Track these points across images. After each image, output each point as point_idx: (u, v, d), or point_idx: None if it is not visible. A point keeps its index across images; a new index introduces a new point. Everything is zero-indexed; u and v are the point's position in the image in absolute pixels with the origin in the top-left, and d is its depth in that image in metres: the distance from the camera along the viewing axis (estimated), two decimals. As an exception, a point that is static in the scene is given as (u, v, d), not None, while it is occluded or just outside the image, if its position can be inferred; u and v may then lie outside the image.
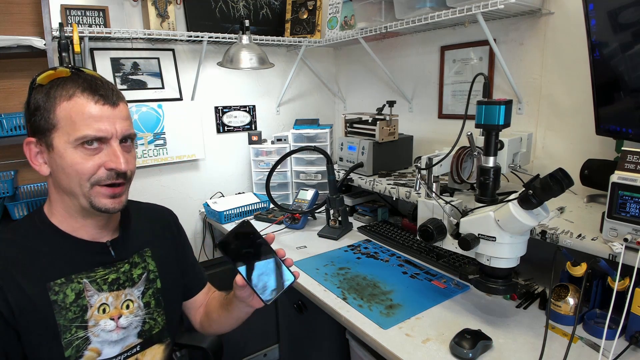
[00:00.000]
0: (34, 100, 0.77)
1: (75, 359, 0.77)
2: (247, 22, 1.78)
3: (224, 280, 2.05)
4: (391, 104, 1.73)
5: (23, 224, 0.82)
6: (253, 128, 2.28)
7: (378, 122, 1.70)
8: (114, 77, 1.85)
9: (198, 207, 2.13)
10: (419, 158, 1.18)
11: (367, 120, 1.79)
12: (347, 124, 1.90)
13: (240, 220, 0.79)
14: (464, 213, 1.06)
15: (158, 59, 1.94)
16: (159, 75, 1.95)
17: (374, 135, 1.72)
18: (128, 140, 0.81)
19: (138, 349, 0.86)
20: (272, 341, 1.94)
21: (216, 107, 2.14)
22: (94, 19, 1.73)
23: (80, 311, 0.78)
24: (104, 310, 0.81)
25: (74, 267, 0.79)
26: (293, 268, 0.82)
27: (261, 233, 0.80)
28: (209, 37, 1.86)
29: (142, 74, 1.91)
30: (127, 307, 0.85)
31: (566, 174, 0.83)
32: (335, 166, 1.86)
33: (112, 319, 0.82)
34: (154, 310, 0.89)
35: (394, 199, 1.62)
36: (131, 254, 0.89)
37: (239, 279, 0.78)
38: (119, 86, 1.86)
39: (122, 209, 0.81)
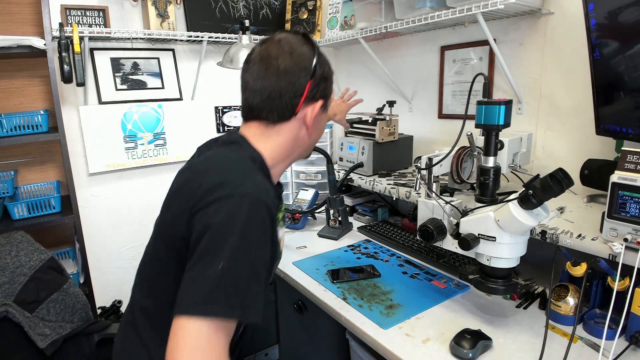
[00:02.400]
0: (326, 68, 0.86)
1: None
2: (247, 22, 1.78)
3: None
4: (391, 104, 1.73)
5: (254, 159, 0.82)
6: (253, 128, 2.27)
7: (378, 122, 1.70)
8: (114, 77, 1.85)
9: (198, 207, 2.13)
10: (419, 158, 1.18)
11: (367, 120, 1.79)
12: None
13: None
14: (464, 213, 1.06)
15: (158, 59, 1.95)
16: (159, 75, 1.95)
17: (374, 135, 1.72)
18: None
19: None
20: (272, 341, 1.94)
21: (216, 107, 2.14)
22: (94, 19, 1.73)
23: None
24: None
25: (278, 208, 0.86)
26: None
27: None
28: (209, 37, 1.86)
29: (142, 74, 1.91)
30: None
31: (566, 174, 0.83)
32: (335, 166, 1.86)
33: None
34: None
35: (394, 199, 1.62)
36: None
37: None
38: (119, 86, 1.87)
39: None
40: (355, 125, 1.85)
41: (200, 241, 0.66)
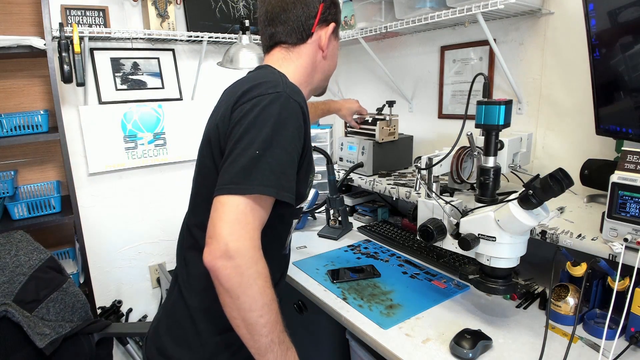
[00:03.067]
0: None
1: (304, 199, 0.91)
2: (247, 22, 1.78)
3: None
4: (391, 104, 1.73)
5: (283, 77, 0.85)
6: (253, 128, 2.27)
7: (378, 122, 1.70)
8: (114, 77, 1.85)
9: (198, 207, 2.13)
10: (419, 158, 1.18)
11: (367, 120, 1.79)
12: (347, 124, 1.90)
13: None
14: (464, 213, 1.06)
15: (158, 59, 1.95)
16: (159, 75, 1.95)
17: (373, 136, 1.72)
18: None
19: None
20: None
21: (216, 107, 2.14)
22: (94, 19, 1.73)
23: None
24: None
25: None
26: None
27: None
28: (209, 37, 1.86)
29: (142, 74, 1.91)
30: None
31: (566, 174, 0.83)
32: (335, 166, 1.86)
33: None
34: None
35: (394, 199, 1.62)
36: None
37: None
38: (119, 86, 1.87)
39: None
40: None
41: (238, 131, 0.73)
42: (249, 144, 0.71)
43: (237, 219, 0.67)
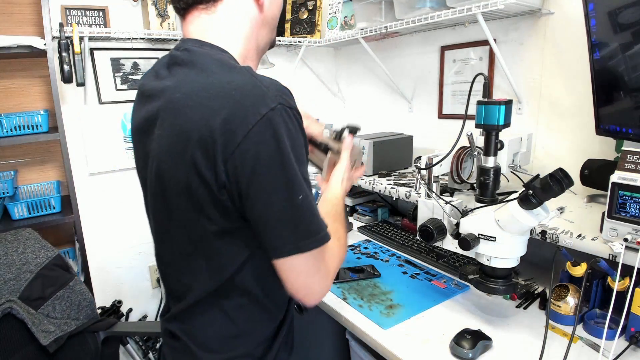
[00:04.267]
0: None
1: None
2: (247, 22, 1.78)
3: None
4: (353, 130, 0.98)
5: (246, 70, 0.65)
6: (253, 128, 2.27)
7: (329, 151, 0.98)
8: (114, 77, 1.85)
9: (198, 207, 2.13)
10: (419, 158, 1.18)
11: (318, 143, 0.99)
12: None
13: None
14: (464, 213, 1.06)
15: (158, 59, 1.94)
16: (159, 75, 1.95)
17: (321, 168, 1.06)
18: None
19: None
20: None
21: (216, 107, 2.14)
22: (94, 19, 1.73)
23: None
24: None
25: None
26: None
27: None
28: (209, 37, 1.86)
29: (142, 74, 1.91)
30: None
31: (566, 174, 0.83)
32: (335, 166, 1.86)
33: None
34: None
35: (394, 199, 1.62)
36: None
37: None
38: (119, 86, 1.87)
39: None
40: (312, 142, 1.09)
41: (258, 181, 0.59)
42: (282, 193, 0.60)
43: (315, 271, 0.67)
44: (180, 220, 0.69)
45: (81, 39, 1.60)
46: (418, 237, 1.11)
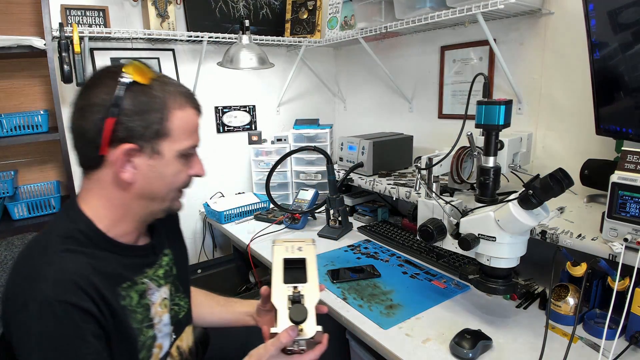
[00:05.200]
0: (134, 101, 0.69)
1: (146, 359, 0.76)
2: (247, 22, 1.78)
3: (224, 279, 2.05)
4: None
5: (74, 233, 0.71)
6: (253, 128, 2.28)
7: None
8: (114, 77, 1.85)
9: (198, 207, 2.13)
10: (419, 158, 1.18)
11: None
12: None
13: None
14: (464, 213, 1.06)
15: (158, 59, 1.94)
16: (159, 75, 1.95)
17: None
18: None
19: (174, 336, 0.87)
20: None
21: (216, 107, 2.14)
22: (94, 19, 1.73)
23: (145, 311, 0.78)
24: (165, 305, 0.83)
25: (133, 270, 0.78)
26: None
27: (261, 234, 0.80)
28: (209, 37, 1.86)
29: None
30: None
31: (566, 174, 0.83)
32: (335, 166, 1.86)
33: (169, 312, 0.84)
34: (176, 295, 0.90)
35: (394, 199, 1.62)
36: (164, 246, 0.90)
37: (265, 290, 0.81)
38: (119, 86, 1.87)
39: None
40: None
41: None
42: None
43: None
44: None
45: (81, 39, 1.60)
46: (418, 237, 1.11)
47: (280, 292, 0.76)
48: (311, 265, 0.82)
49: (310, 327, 0.73)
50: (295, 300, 0.75)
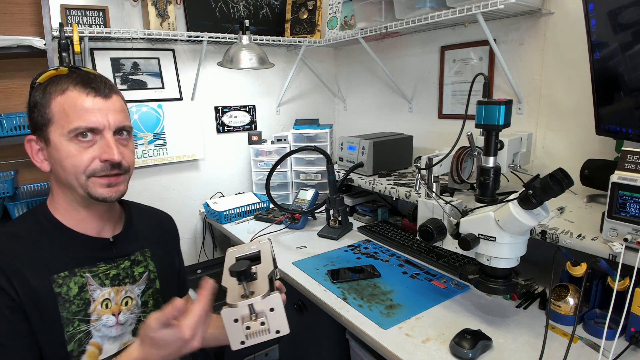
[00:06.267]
0: (32, 98, 0.80)
1: (77, 353, 0.77)
2: (247, 22, 1.78)
3: (224, 280, 2.04)
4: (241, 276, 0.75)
5: (26, 219, 0.83)
6: (253, 128, 2.28)
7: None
8: (114, 77, 1.85)
9: (198, 207, 2.13)
10: (419, 158, 1.18)
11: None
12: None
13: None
14: (464, 213, 1.06)
15: (158, 59, 1.94)
16: (159, 75, 1.95)
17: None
18: (123, 132, 0.82)
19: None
20: (271, 341, 1.94)
21: (216, 107, 2.14)
22: (94, 19, 1.73)
23: (84, 305, 0.79)
24: (106, 306, 0.82)
25: (77, 261, 0.80)
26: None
27: (261, 233, 0.78)
28: (209, 37, 1.86)
29: (142, 74, 1.91)
30: (126, 303, 0.85)
31: (566, 174, 0.83)
32: (335, 166, 1.86)
33: (114, 315, 0.83)
34: (152, 309, 0.89)
35: (394, 199, 1.62)
36: (132, 251, 0.89)
37: None
38: (119, 86, 1.86)
39: (120, 198, 0.83)
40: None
41: None
42: None
43: None
44: None
45: (81, 39, 1.60)
46: (418, 237, 1.11)
47: (230, 278, 0.69)
48: (265, 252, 0.78)
49: (261, 288, 0.67)
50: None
